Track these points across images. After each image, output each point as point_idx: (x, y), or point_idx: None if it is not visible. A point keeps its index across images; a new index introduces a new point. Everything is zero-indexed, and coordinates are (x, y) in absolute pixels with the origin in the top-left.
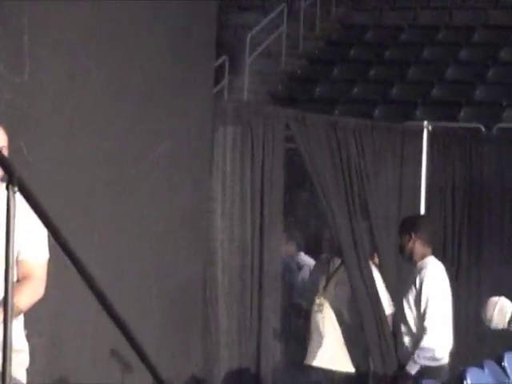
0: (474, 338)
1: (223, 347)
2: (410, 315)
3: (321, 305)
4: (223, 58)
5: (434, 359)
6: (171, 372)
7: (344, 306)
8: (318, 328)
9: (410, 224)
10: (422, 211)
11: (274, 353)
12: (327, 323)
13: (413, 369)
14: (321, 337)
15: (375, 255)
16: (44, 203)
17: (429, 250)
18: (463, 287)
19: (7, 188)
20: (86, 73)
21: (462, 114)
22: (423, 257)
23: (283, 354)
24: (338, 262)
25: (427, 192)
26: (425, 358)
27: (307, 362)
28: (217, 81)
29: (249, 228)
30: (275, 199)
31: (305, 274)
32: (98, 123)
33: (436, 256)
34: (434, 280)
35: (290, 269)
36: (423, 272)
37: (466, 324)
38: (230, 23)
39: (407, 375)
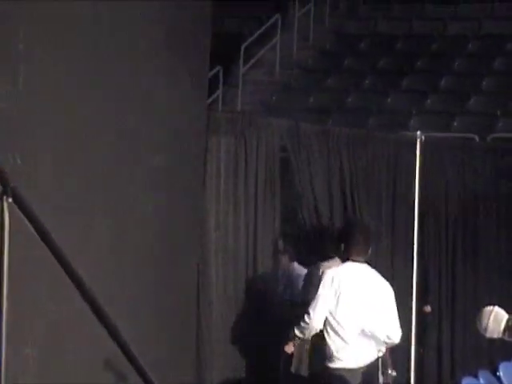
0: (470, 347)
1: (216, 356)
2: None
3: None
4: (217, 68)
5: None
6: (165, 381)
7: None
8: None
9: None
10: (416, 221)
11: (267, 364)
12: None
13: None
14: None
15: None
16: (38, 213)
17: None
18: (459, 296)
19: (1, 199)
20: (80, 83)
21: (456, 124)
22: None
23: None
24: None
25: (420, 202)
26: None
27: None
28: (211, 91)
29: (242, 239)
30: (270, 209)
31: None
32: (91, 134)
33: (430, 265)
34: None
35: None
36: None
37: (463, 334)
38: (224, 34)
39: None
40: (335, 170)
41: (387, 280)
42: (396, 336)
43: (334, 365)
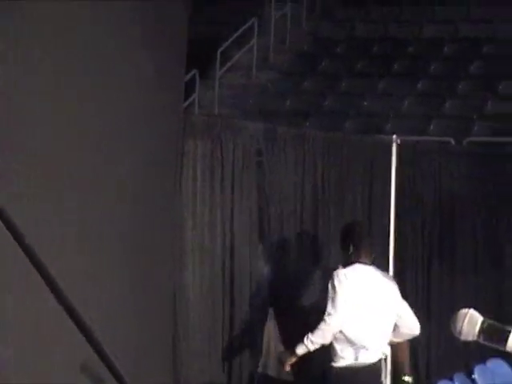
0: (445, 350)
1: (193, 356)
2: None
3: None
4: (193, 71)
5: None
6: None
7: None
8: None
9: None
10: (392, 225)
11: (243, 364)
12: None
13: (299, 349)
14: None
15: None
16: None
17: None
18: (435, 301)
19: None
20: (59, 86)
21: (432, 127)
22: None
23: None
24: None
25: (396, 205)
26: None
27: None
28: (187, 94)
29: (219, 239)
30: (246, 212)
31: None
32: (68, 135)
33: (407, 270)
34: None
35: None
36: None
37: (438, 336)
38: (200, 37)
39: (292, 352)
40: (310, 172)
41: None
42: (417, 327)
43: (338, 364)
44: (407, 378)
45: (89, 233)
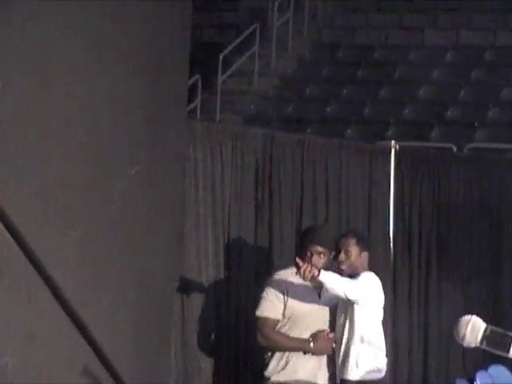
0: (446, 356)
1: (202, 360)
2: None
3: None
4: (196, 76)
5: (377, 371)
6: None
7: None
8: None
9: (365, 239)
10: (391, 231)
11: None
12: None
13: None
14: None
15: None
16: (17, 214)
17: None
18: (432, 306)
19: None
20: (60, 87)
21: (433, 133)
22: (364, 271)
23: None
24: None
25: (395, 212)
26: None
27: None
28: (190, 100)
29: (221, 247)
30: (245, 219)
31: None
32: (71, 141)
33: (406, 275)
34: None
35: None
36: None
37: (438, 342)
38: (202, 42)
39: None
40: (309, 178)
41: None
42: None
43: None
44: None
45: (92, 234)
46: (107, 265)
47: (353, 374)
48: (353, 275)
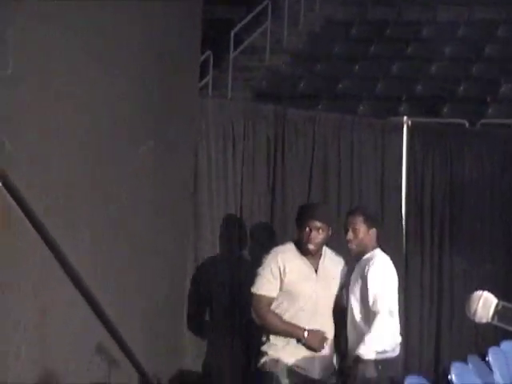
0: (458, 333)
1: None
2: (357, 308)
3: None
4: (207, 53)
5: (384, 352)
6: (160, 367)
7: None
8: None
9: (372, 215)
10: (403, 206)
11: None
12: None
13: (366, 354)
14: None
15: None
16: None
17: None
18: (445, 283)
19: None
20: (70, 70)
21: (446, 109)
22: (374, 249)
23: None
24: None
25: (407, 187)
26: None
27: None
28: (201, 76)
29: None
30: (258, 195)
31: None
32: (81, 121)
33: (415, 253)
34: (383, 272)
35: None
36: (372, 263)
37: (450, 319)
38: (214, 19)
39: (358, 359)
40: (320, 155)
41: None
42: None
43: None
44: None
45: (102, 224)
46: (117, 246)
47: (371, 351)
48: (362, 253)
